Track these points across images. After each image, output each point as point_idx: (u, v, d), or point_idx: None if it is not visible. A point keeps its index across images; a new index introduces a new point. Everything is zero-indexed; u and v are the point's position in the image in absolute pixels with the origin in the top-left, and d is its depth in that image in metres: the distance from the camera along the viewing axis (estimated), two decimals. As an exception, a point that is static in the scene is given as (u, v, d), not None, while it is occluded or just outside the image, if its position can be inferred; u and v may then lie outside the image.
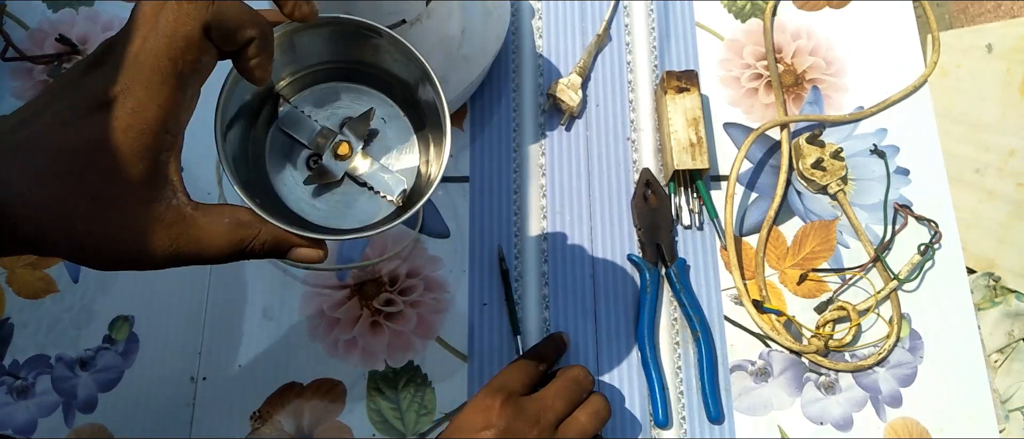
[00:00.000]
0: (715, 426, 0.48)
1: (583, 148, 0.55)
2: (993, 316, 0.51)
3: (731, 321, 0.51)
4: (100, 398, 0.49)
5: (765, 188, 0.54)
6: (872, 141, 0.55)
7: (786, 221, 0.53)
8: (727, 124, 0.56)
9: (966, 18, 0.59)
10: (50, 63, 0.56)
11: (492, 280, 0.51)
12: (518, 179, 0.54)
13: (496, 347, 0.50)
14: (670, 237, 0.52)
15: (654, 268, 0.51)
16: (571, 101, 0.54)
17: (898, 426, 0.48)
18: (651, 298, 0.50)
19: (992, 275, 0.52)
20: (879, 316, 0.50)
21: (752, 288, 0.51)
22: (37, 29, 0.58)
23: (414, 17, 0.42)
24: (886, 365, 0.50)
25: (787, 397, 0.49)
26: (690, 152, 0.51)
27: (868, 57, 0.57)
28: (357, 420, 0.48)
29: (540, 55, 0.57)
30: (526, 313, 0.51)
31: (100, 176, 0.26)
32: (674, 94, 0.53)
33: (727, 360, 0.50)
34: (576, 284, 0.51)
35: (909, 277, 0.51)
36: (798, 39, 0.58)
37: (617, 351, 0.50)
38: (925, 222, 0.53)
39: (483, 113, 0.56)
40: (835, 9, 0.59)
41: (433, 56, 0.46)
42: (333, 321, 0.50)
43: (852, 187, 0.54)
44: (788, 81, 0.57)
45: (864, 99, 0.56)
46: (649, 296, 0.50)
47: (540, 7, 0.59)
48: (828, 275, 0.51)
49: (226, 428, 0.48)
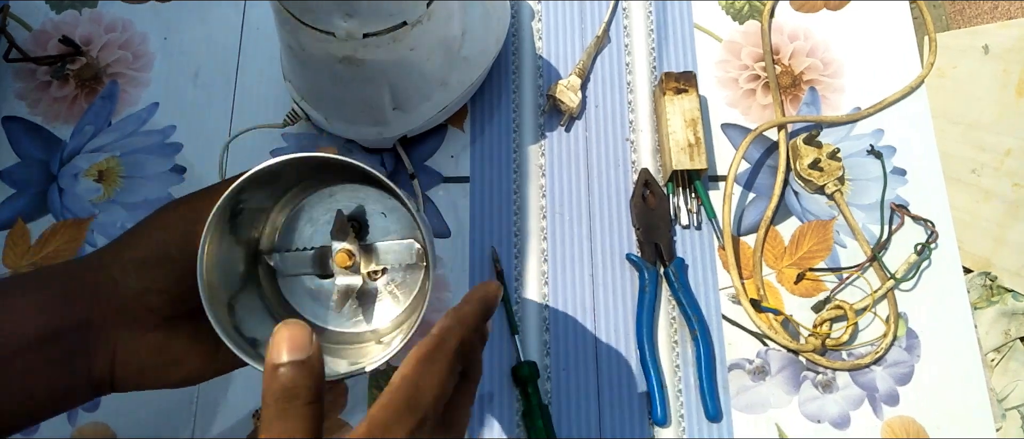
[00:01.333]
0: (713, 425, 0.49)
1: (582, 149, 0.55)
2: (990, 315, 0.51)
3: (729, 320, 0.51)
4: (102, 397, 0.49)
5: (763, 188, 0.54)
6: (869, 142, 0.55)
7: (783, 221, 0.53)
8: (725, 125, 0.56)
9: (963, 19, 0.59)
10: (53, 64, 0.57)
11: (493, 280, 0.52)
12: (518, 179, 0.54)
13: (496, 346, 0.50)
14: (668, 237, 0.52)
15: (653, 268, 0.51)
16: (571, 102, 0.54)
17: (895, 424, 0.49)
18: (649, 297, 0.50)
19: (988, 274, 0.52)
20: (876, 315, 0.51)
21: (750, 287, 0.51)
22: (40, 30, 0.58)
23: (415, 19, 0.42)
24: (883, 364, 0.50)
25: (785, 395, 0.49)
26: (688, 152, 0.52)
27: (865, 58, 0.58)
28: (358, 419, 0.49)
29: (540, 56, 0.58)
30: (526, 313, 0.51)
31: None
32: (672, 95, 0.53)
33: (725, 359, 0.50)
34: (576, 284, 0.52)
35: (906, 276, 0.51)
36: (796, 40, 0.58)
37: (616, 350, 0.50)
38: (922, 222, 0.53)
39: (483, 114, 0.56)
40: (832, 11, 0.59)
41: (433, 57, 0.47)
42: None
43: (849, 187, 0.54)
44: (785, 82, 0.57)
45: (861, 100, 0.56)
46: (648, 295, 0.50)
47: (540, 9, 0.59)
48: (825, 274, 0.52)
49: (228, 427, 0.49)
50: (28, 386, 0.30)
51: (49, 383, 0.31)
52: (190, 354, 0.33)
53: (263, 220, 0.36)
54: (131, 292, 0.31)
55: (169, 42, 0.58)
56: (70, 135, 0.55)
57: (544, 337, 0.51)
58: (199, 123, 0.56)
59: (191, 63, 0.57)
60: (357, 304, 0.37)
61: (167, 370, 0.33)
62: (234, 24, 0.59)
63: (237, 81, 0.57)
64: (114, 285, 0.31)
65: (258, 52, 0.58)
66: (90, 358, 0.31)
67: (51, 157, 0.55)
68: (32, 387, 0.30)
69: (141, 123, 0.56)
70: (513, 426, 0.49)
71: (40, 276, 0.32)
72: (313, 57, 0.43)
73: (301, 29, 0.41)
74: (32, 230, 0.53)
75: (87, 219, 0.53)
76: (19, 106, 0.56)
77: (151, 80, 0.57)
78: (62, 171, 0.55)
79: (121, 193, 0.54)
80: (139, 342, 0.32)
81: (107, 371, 0.32)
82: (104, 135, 0.55)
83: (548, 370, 0.50)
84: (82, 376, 0.31)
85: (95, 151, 0.55)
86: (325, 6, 0.40)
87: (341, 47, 0.42)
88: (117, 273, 0.31)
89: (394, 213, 0.38)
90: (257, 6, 0.59)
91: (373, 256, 0.37)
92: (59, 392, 0.31)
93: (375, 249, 0.36)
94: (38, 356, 0.30)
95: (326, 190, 0.37)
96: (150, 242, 0.32)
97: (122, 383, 0.32)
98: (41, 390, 0.30)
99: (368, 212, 0.37)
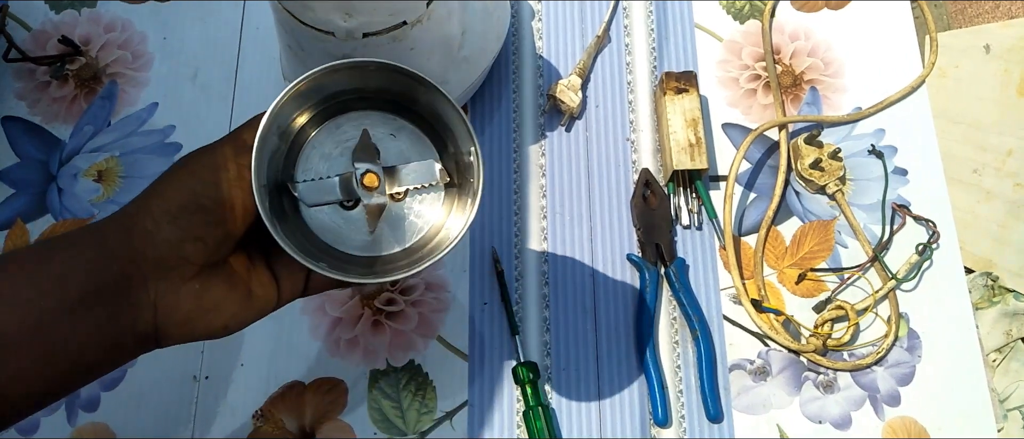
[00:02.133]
0: (714, 425, 0.48)
1: (583, 149, 0.55)
2: (991, 315, 0.51)
3: (730, 320, 0.51)
4: (103, 397, 0.49)
5: (764, 188, 0.54)
6: (870, 141, 0.55)
7: (785, 221, 0.53)
8: (726, 125, 0.56)
9: (964, 19, 0.59)
10: (53, 64, 0.57)
11: (492, 279, 0.52)
12: (518, 179, 0.54)
13: (496, 346, 0.50)
14: (669, 237, 0.52)
15: (653, 268, 0.51)
16: (571, 102, 0.54)
17: (896, 425, 0.49)
18: (650, 298, 0.50)
19: (990, 275, 0.52)
20: (877, 315, 0.51)
21: (751, 287, 0.51)
22: (40, 30, 0.58)
23: (415, 18, 0.42)
24: (884, 364, 0.50)
25: (786, 396, 0.49)
26: (689, 152, 0.52)
27: (866, 58, 0.58)
28: (359, 419, 0.49)
29: (540, 56, 0.58)
30: (526, 313, 0.51)
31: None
32: (673, 95, 0.53)
33: (726, 359, 0.50)
34: (576, 284, 0.52)
35: (907, 277, 0.51)
36: (796, 40, 0.58)
37: (617, 350, 0.50)
38: (923, 222, 0.53)
39: (483, 114, 0.56)
40: (833, 10, 0.59)
41: (433, 57, 0.46)
42: (335, 320, 0.51)
43: (850, 187, 0.54)
44: (786, 82, 0.57)
45: (862, 100, 0.56)
46: (648, 296, 0.50)
47: (540, 8, 0.59)
48: (826, 275, 0.52)
49: (228, 427, 0.48)
50: (78, 345, 0.31)
51: (98, 340, 0.31)
52: (228, 300, 0.34)
53: (279, 154, 0.37)
54: (166, 244, 0.32)
55: (168, 42, 0.58)
56: (69, 135, 0.55)
57: (544, 337, 0.51)
58: (198, 123, 0.56)
59: (190, 63, 0.57)
60: (386, 226, 0.37)
61: (208, 318, 0.33)
62: (234, 24, 0.58)
63: (237, 81, 0.57)
64: (149, 239, 0.32)
65: (258, 52, 0.58)
66: (134, 313, 0.32)
67: (50, 157, 0.55)
68: (83, 346, 0.31)
69: (140, 123, 0.56)
70: (513, 426, 0.49)
71: (75, 237, 0.32)
72: (313, 57, 0.43)
73: (301, 29, 0.41)
74: (31, 230, 0.53)
75: (86, 219, 0.53)
76: (18, 106, 0.56)
77: (150, 80, 0.57)
78: (61, 171, 0.55)
79: (120, 193, 0.54)
80: (178, 293, 0.32)
81: (151, 324, 0.32)
82: (103, 135, 0.55)
83: (548, 370, 0.50)
84: (128, 332, 0.32)
85: (94, 151, 0.55)
86: (325, 6, 0.40)
87: (341, 47, 0.41)
88: (151, 226, 0.32)
89: (402, 132, 0.38)
90: (257, 6, 0.59)
91: (395, 178, 0.37)
92: (107, 349, 0.32)
93: (397, 171, 0.37)
94: (84, 316, 0.30)
95: (332, 123, 0.37)
96: (180, 192, 0.32)
97: (166, 335, 0.33)
98: (91, 348, 0.31)
99: (376, 136, 0.37)
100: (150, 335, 0.33)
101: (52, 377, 0.31)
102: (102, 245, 0.32)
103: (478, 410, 0.49)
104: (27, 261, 0.31)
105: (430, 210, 0.38)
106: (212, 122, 0.56)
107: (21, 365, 0.30)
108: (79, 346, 0.31)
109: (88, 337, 0.31)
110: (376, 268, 0.36)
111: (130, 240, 0.32)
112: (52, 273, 0.31)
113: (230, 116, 0.56)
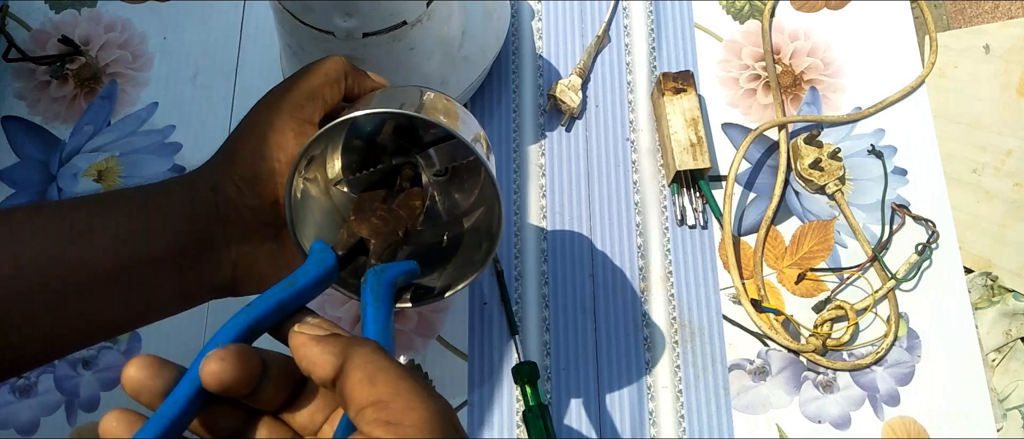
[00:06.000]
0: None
1: (583, 149, 0.55)
2: (991, 315, 0.51)
3: (730, 320, 0.51)
4: (102, 397, 0.49)
5: (763, 188, 0.54)
6: (870, 141, 0.55)
7: (784, 221, 0.53)
8: (725, 125, 0.56)
9: (964, 19, 0.59)
10: (53, 64, 0.57)
11: (492, 279, 0.52)
12: (518, 179, 0.54)
13: (496, 346, 0.50)
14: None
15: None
16: (572, 102, 0.54)
17: (896, 425, 0.49)
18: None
19: (989, 274, 0.52)
20: (877, 315, 0.51)
21: (750, 287, 0.51)
22: (40, 30, 0.58)
23: (414, 18, 0.42)
24: (884, 364, 0.50)
25: (785, 396, 0.49)
26: (691, 152, 0.52)
27: (866, 58, 0.58)
28: (358, 419, 0.48)
29: (540, 56, 0.58)
30: (526, 313, 0.51)
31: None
32: (671, 95, 0.53)
33: (726, 359, 0.50)
34: (576, 284, 0.52)
35: (907, 277, 0.51)
36: (796, 40, 0.58)
37: (617, 350, 0.50)
38: (923, 222, 0.53)
39: (483, 114, 0.56)
40: (833, 10, 0.59)
41: (433, 57, 0.46)
42: (334, 320, 0.51)
43: (850, 187, 0.54)
44: (786, 82, 0.57)
45: (862, 100, 0.56)
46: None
47: (540, 8, 0.59)
48: (826, 275, 0.52)
49: (228, 427, 0.48)
50: (157, 291, 0.32)
51: (175, 288, 0.33)
52: (299, 260, 0.35)
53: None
54: (250, 211, 0.33)
55: (168, 42, 0.58)
56: (69, 135, 0.55)
57: (544, 337, 0.51)
58: (198, 123, 0.56)
59: (190, 63, 0.57)
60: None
61: (282, 275, 0.34)
62: (234, 24, 0.58)
63: (237, 81, 0.57)
64: (232, 205, 0.33)
65: (258, 52, 0.58)
66: (214, 269, 0.33)
67: (50, 157, 0.55)
68: (161, 291, 0.33)
69: (140, 123, 0.56)
70: (513, 426, 0.49)
71: (171, 188, 0.33)
72: (313, 57, 0.43)
73: (301, 29, 0.41)
74: (31, 230, 0.53)
75: (86, 219, 0.53)
76: (18, 106, 0.56)
77: (150, 80, 0.57)
78: (61, 171, 0.55)
79: (120, 193, 0.54)
80: (257, 253, 0.34)
81: (229, 279, 0.34)
82: (103, 135, 0.55)
83: (548, 370, 0.50)
84: (206, 284, 0.34)
85: (94, 151, 0.55)
86: (325, 6, 0.40)
87: (341, 47, 0.41)
88: (233, 193, 0.33)
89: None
90: (257, 6, 0.59)
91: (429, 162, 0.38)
92: (182, 296, 0.34)
93: (429, 155, 0.38)
94: (168, 266, 0.32)
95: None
96: (256, 159, 0.33)
97: (243, 289, 0.35)
98: (167, 294, 0.33)
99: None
100: (227, 287, 0.34)
101: (123, 317, 0.33)
102: (193, 202, 0.33)
103: (478, 410, 0.49)
104: (129, 204, 0.32)
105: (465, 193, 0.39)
106: (212, 122, 0.56)
107: (102, 301, 0.31)
108: (158, 291, 0.32)
109: (168, 285, 0.32)
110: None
111: (216, 204, 0.33)
112: (148, 220, 0.32)
113: (230, 116, 0.56)
